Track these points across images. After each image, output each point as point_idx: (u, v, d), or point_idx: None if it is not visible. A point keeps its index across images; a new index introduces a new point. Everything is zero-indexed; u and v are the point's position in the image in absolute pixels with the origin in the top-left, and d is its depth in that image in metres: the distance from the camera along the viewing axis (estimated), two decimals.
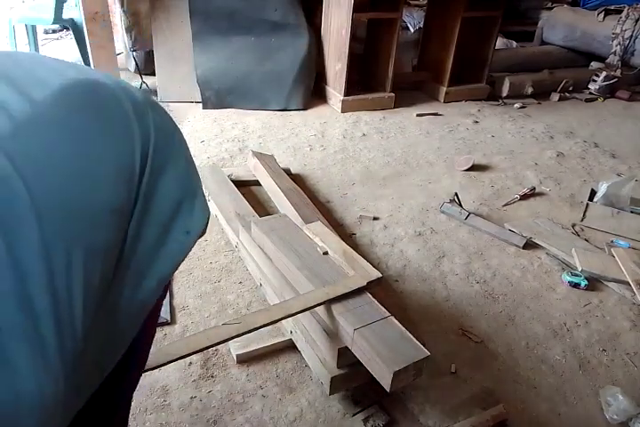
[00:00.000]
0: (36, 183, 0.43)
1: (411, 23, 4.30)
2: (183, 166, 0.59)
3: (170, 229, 0.56)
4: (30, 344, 0.42)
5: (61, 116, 0.48)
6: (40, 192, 0.43)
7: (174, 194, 0.57)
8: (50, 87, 0.49)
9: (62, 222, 0.45)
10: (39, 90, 0.48)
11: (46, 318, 0.42)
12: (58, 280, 0.43)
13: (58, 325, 0.43)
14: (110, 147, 0.51)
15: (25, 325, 0.41)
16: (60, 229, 0.44)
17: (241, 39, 3.28)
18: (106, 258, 0.50)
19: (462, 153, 2.94)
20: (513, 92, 3.84)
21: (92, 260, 0.47)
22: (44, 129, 0.46)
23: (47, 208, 0.43)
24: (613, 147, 3.19)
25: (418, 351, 1.21)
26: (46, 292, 0.42)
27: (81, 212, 0.46)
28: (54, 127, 0.47)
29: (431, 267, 1.97)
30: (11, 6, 4.73)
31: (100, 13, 3.03)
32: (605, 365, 1.59)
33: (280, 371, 1.47)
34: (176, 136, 0.60)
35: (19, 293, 0.41)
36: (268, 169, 2.29)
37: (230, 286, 1.78)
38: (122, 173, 0.51)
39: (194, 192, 0.60)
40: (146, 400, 1.35)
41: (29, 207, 0.42)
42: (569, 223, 2.31)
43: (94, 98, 0.52)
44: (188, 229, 0.58)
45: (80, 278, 0.45)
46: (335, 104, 3.44)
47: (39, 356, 0.42)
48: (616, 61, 4.11)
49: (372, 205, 2.35)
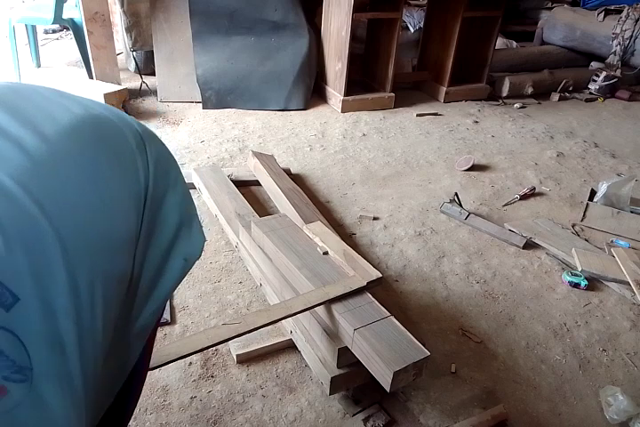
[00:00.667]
0: (61, 222, 0.44)
1: (411, 23, 4.30)
2: (180, 194, 0.61)
3: (169, 256, 0.58)
4: (60, 382, 0.42)
5: (75, 154, 0.49)
6: (65, 231, 0.44)
7: (173, 221, 0.59)
8: (59, 123, 0.50)
9: (86, 257, 0.46)
10: (49, 126, 0.49)
11: (73, 354, 0.43)
12: (83, 314, 0.44)
13: (83, 359, 0.44)
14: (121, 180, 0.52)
15: (57, 364, 0.42)
16: (85, 263, 0.45)
17: (241, 39, 3.28)
18: (121, 287, 0.51)
19: (462, 153, 2.94)
20: (513, 92, 3.84)
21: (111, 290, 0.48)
22: (62, 167, 0.47)
23: (72, 245, 0.44)
24: (613, 147, 3.19)
25: (418, 351, 1.21)
26: (73, 328, 0.43)
27: (102, 244, 0.48)
28: (70, 165, 0.48)
29: (431, 267, 1.97)
30: (11, 6, 4.73)
31: (100, 13, 3.03)
32: (605, 365, 1.59)
33: (280, 371, 1.47)
34: (173, 166, 0.62)
35: (51, 333, 0.42)
36: (267, 169, 2.29)
37: (230, 286, 1.78)
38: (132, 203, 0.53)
39: (190, 219, 0.62)
40: (146, 400, 1.35)
41: (57, 248, 0.43)
42: (569, 223, 2.31)
43: (102, 134, 0.54)
44: (186, 255, 0.60)
45: (101, 310, 0.46)
46: (335, 104, 3.44)
47: (68, 392, 0.43)
48: (616, 61, 4.11)
49: (372, 205, 2.35)
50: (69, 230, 0.45)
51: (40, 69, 3.84)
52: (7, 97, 0.52)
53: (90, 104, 0.57)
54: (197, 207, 2.27)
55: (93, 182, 0.49)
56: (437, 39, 3.68)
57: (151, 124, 3.00)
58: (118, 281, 0.50)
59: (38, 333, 0.41)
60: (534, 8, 5.39)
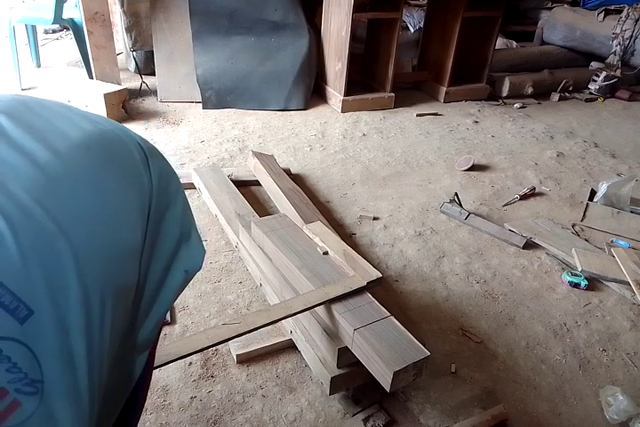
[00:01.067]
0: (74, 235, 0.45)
1: (411, 23, 4.30)
2: (181, 207, 0.63)
3: (170, 268, 0.59)
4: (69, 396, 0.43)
5: (86, 168, 0.51)
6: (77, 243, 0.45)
7: (174, 234, 0.60)
8: (70, 139, 0.52)
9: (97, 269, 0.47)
10: (61, 141, 0.51)
11: (82, 369, 0.44)
12: (94, 327, 0.45)
13: (90, 373, 0.45)
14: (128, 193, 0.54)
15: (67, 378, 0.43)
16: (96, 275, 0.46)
17: (241, 39, 3.28)
18: (128, 298, 0.52)
19: (462, 153, 2.94)
20: (513, 92, 3.84)
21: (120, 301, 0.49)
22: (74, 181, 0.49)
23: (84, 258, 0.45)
24: (613, 147, 3.19)
25: (418, 351, 1.21)
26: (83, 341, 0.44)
27: (111, 255, 0.49)
28: (82, 179, 0.50)
29: (431, 267, 1.97)
30: (11, 6, 4.73)
31: (100, 13, 3.03)
32: (605, 365, 1.59)
33: (280, 371, 1.47)
34: (174, 178, 0.64)
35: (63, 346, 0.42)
36: (268, 169, 2.29)
37: (230, 285, 1.78)
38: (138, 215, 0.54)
39: (189, 231, 0.63)
40: (146, 400, 1.35)
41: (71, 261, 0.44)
42: (569, 223, 2.31)
43: (110, 149, 0.56)
44: (186, 267, 0.61)
45: (109, 321, 0.47)
46: (335, 104, 3.44)
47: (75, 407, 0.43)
48: (616, 61, 4.11)
49: (372, 205, 2.35)
50: (81, 242, 0.46)
51: (40, 69, 3.84)
52: (18, 111, 0.53)
53: (97, 119, 0.58)
54: (197, 207, 2.27)
55: (102, 196, 0.51)
56: (437, 39, 3.68)
57: (151, 124, 3.00)
58: (126, 292, 0.51)
59: (51, 346, 0.42)
60: (534, 8, 5.38)
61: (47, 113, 0.56)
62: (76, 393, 0.43)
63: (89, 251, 0.46)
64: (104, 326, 0.46)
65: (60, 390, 0.42)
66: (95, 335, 0.45)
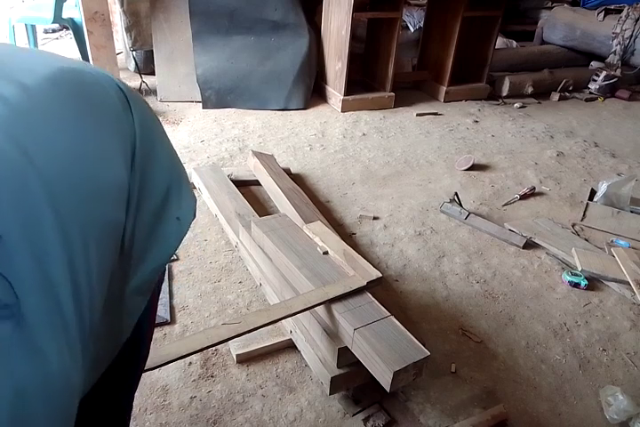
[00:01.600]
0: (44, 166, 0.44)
1: (411, 23, 4.29)
2: (167, 153, 0.62)
3: (161, 216, 0.59)
4: (54, 328, 0.42)
5: (56, 102, 0.49)
6: (49, 174, 0.44)
7: (163, 180, 0.60)
8: (39, 74, 0.50)
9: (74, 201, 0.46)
10: (28, 77, 0.49)
11: (68, 301, 0.43)
12: (77, 262, 0.44)
13: (78, 306, 0.44)
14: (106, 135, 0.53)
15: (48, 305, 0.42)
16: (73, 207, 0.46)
17: (241, 39, 3.27)
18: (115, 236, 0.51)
19: (462, 153, 2.94)
20: (513, 92, 3.84)
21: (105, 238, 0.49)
22: (43, 113, 0.47)
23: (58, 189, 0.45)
24: (613, 146, 3.19)
25: (418, 351, 1.21)
26: (67, 276, 0.43)
27: (88, 189, 0.48)
28: (52, 112, 0.48)
29: (431, 267, 1.97)
30: (11, 6, 4.73)
31: (100, 13, 3.03)
32: (605, 365, 1.59)
33: (280, 371, 1.47)
34: (157, 124, 0.63)
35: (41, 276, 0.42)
36: (267, 169, 2.29)
37: (230, 285, 1.78)
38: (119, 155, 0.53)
39: (179, 178, 0.63)
40: (146, 400, 1.35)
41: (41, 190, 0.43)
42: (569, 223, 2.31)
43: (83, 85, 0.54)
44: (179, 215, 0.61)
45: (95, 256, 0.46)
46: (335, 104, 3.44)
47: (62, 338, 0.43)
48: (616, 61, 4.11)
49: (372, 205, 2.35)
50: (53, 173, 0.45)
51: None
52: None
53: (69, 60, 0.57)
54: (197, 207, 2.28)
55: (74, 132, 0.49)
56: (437, 39, 3.68)
57: None
58: (111, 230, 0.50)
59: (26, 273, 0.41)
60: (534, 8, 5.38)
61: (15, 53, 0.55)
62: (64, 328, 0.43)
63: (60, 180, 0.45)
64: (89, 258, 0.45)
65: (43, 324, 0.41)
66: (79, 266, 0.44)
